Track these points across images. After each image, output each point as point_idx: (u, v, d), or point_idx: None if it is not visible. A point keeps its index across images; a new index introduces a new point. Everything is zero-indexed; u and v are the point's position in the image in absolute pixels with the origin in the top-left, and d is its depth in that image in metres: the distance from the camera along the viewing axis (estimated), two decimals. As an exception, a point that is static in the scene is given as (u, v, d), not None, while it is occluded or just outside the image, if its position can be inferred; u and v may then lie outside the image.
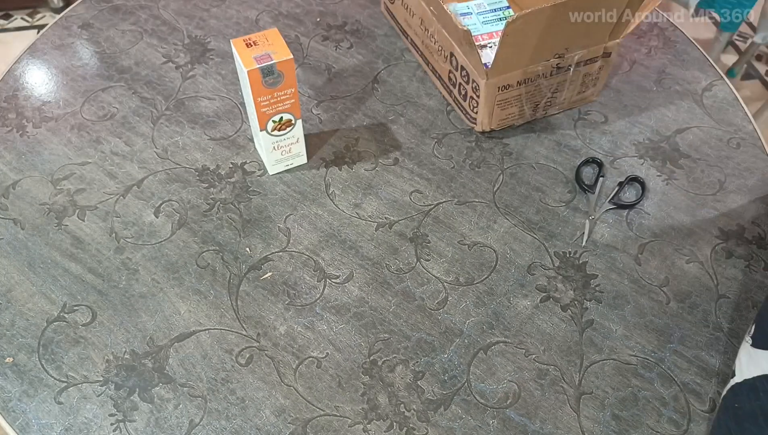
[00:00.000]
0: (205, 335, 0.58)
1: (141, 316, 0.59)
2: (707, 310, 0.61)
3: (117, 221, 0.66)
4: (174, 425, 0.53)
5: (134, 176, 0.70)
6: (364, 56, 0.84)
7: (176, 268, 0.63)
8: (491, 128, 0.74)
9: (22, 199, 0.68)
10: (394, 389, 0.56)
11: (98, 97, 0.78)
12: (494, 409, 0.55)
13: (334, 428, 0.53)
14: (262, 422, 0.54)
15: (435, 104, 0.78)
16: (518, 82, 0.69)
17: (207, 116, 0.76)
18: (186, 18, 0.87)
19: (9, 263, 0.63)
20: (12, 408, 0.54)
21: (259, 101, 0.61)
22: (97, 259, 0.63)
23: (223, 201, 0.68)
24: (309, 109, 0.77)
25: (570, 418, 0.54)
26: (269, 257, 0.64)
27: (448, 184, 0.70)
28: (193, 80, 0.80)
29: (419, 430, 0.53)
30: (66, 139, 0.73)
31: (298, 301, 0.61)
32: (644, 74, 0.83)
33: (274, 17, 0.88)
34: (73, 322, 0.59)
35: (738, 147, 0.75)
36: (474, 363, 0.57)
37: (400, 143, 0.74)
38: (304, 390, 0.55)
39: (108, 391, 0.55)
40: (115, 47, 0.83)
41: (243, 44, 0.59)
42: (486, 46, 0.81)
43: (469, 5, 0.86)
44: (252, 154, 0.72)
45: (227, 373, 0.56)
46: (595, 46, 0.70)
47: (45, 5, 2.03)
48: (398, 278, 0.62)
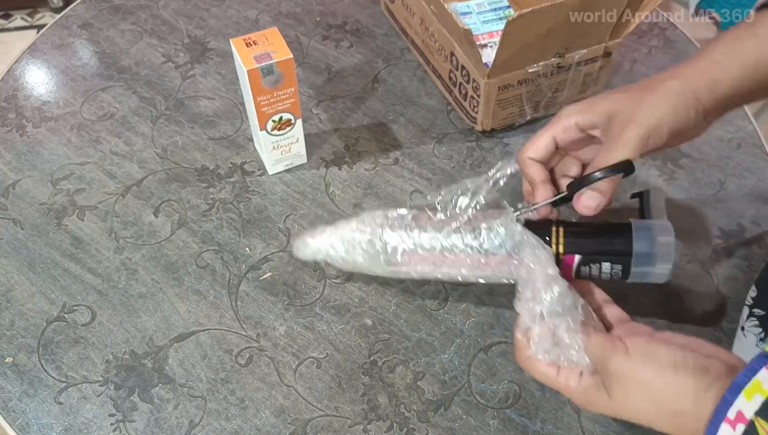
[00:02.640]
0: (205, 335, 0.58)
1: (140, 316, 0.59)
2: (707, 310, 0.61)
3: (116, 221, 0.66)
4: (174, 425, 0.53)
5: (134, 176, 0.70)
6: (364, 56, 0.84)
7: (176, 268, 0.63)
8: (492, 128, 0.74)
9: (22, 199, 0.67)
10: (394, 390, 0.55)
11: (98, 97, 0.77)
12: (495, 409, 0.55)
13: (334, 429, 0.53)
14: (262, 423, 0.53)
15: (435, 104, 0.78)
16: (519, 82, 0.69)
17: (207, 116, 0.76)
18: (186, 18, 0.87)
19: (9, 263, 0.63)
20: (12, 408, 0.54)
21: (259, 101, 0.61)
22: (97, 259, 0.63)
23: (223, 201, 0.68)
24: (309, 109, 0.77)
25: (570, 419, 0.54)
26: (269, 257, 0.64)
27: (449, 184, 0.70)
28: (193, 80, 0.80)
29: (419, 430, 0.53)
30: (66, 139, 0.73)
31: (297, 301, 0.61)
32: (644, 74, 0.83)
33: (274, 17, 0.88)
34: (73, 322, 0.59)
35: (738, 147, 0.75)
36: (474, 363, 0.57)
37: (400, 143, 0.74)
38: (304, 390, 0.55)
39: (108, 392, 0.55)
40: (115, 47, 0.83)
41: (243, 44, 0.59)
42: (486, 45, 0.81)
43: (470, 4, 0.86)
44: (252, 153, 0.72)
45: (227, 373, 0.56)
46: (596, 46, 0.70)
47: (45, 5, 2.03)
48: (398, 278, 0.62)
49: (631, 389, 0.38)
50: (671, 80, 0.43)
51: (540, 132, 0.47)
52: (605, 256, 0.47)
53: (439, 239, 0.50)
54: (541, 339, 0.43)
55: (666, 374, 0.37)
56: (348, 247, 0.53)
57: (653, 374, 0.37)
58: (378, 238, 0.51)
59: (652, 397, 0.37)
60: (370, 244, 0.51)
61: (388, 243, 0.51)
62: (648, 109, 0.42)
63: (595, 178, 0.43)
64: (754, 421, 0.32)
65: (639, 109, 0.42)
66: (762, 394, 0.32)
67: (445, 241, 0.50)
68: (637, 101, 0.43)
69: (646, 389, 0.37)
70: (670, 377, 0.37)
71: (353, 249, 0.52)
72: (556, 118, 0.47)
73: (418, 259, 0.51)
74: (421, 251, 0.50)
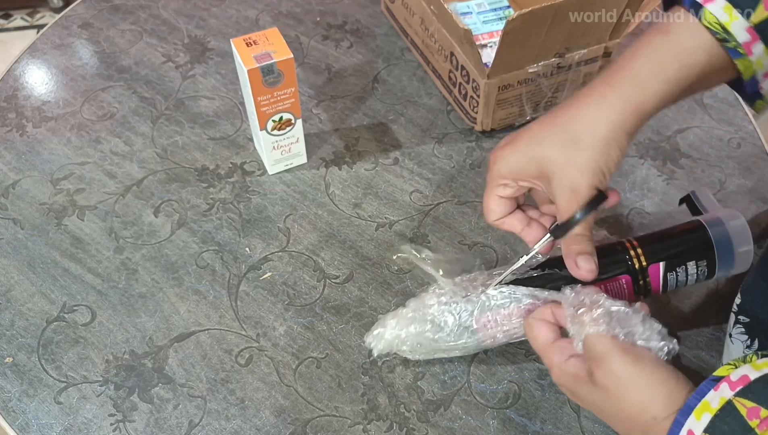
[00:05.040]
0: (205, 335, 0.58)
1: (140, 316, 0.59)
2: (707, 311, 0.61)
3: (116, 221, 0.66)
4: (173, 425, 0.53)
5: (134, 176, 0.70)
6: (364, 56, 0.84)
7: (176, 268, 0.63)
8: (492, 128, 0.74)
9: (22, 199, 0.67)
10: (394, 389, 0.55)
11: (98, 97, 0.77)
12: (494, 409, 0.55)
13: (333, 429, 0.53)
14: (262, 423, 0.53)
15: (435, 104, 0.78)
16: (519, 82, 0.69)
17: (207, 116, 0.76)
18: (186, 17, 0.87)
19: (9, 263, 0.63)
20: (12, 408, 0.54)
21: (259, 101, 0.61)
22: (97, 259, 0.63)
23: (223, 201, 0.68)
24: (309, 109, 0.77)
25: (570, 419, 0.54)
26: (269, 257, 0.64)
27: (449, 184, 0.70)
28: (193, 80, 0.80)
29: (419, 430, 0.53)
30: (66, 139, 0.73)
31: (297, 301, 0.61)
32: (645, 74, 0.83)
33: (274, 17, 0.88)
34: (73, 322, 0.59)
35: (738, 147, 0.75)
36: (474, 363, 0.57)
37: (400, 143, 0.74)
38: (304, 390, 0.55)
39: (107, 392, 0.55)
40: (115, 47, 0.83)
41: (243, 43, 0.59)
42: (486, 45, 0.81)
43: (470, 4, 0.86)
44: (252, 153, 0.72)
45: (227, 373, 0.56)
46: (596, 46, 0.70)
47: (45, 5, 2.03)
48: (398, 278, 0.62)
49: (627, 388, 0.40)
50: (598, 123, 0.42)
51: (486, 194, 0.48)
52: (689, 256, 0.48)
53: (505, 292, 0.49)
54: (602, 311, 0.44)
55: (658, 387, 0.40)
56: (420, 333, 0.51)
57: (649, 382, 0.40)
58: (451, 310, 0.50)
59: (642, 401, 0.39)
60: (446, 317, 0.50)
61: (463, 310, 0.50)
62: (586, 163, 0.42)
63: (575, 222, 0.44)
64: None
65: (575, 167, 0.43)
66: (710, 413, 0.35)
67: (514, 293, 0.49)
68: (568, 158, 0.43)
69: (641, 392, 0.40)
70: (661, 388, 0.39)
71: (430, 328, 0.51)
72: (490, 178, 0.47)
73: (494, 316, 0.50)
74: (494, 310, 0.50)
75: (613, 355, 0.41)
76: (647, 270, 0.48)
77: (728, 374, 0.36)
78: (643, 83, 0.42)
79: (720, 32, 0.40)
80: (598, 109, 0.42)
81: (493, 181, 0.47)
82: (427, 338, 0.51)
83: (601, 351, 0.41)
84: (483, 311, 0.49)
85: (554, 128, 0.44)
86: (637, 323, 0.42)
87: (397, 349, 0.53)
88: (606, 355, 0.41)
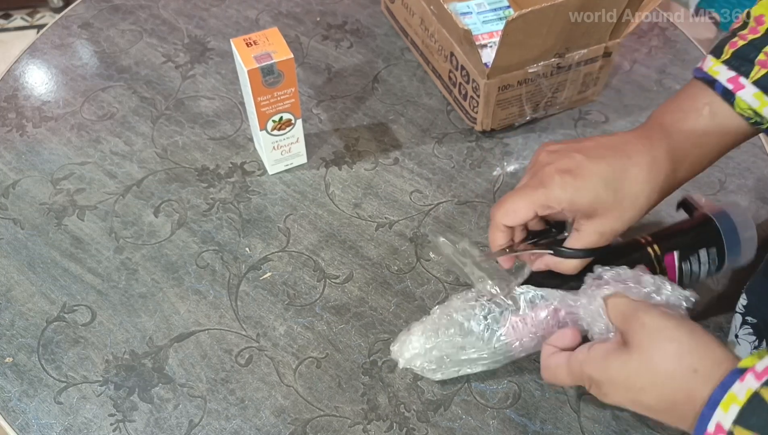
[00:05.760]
0: (205, 335, 0.58)
1: (140, 316, 0.59)
2: (707, 311, 0.61)
3: (116, 221, 0.66)
4: (173, 425, 0.53)
5: (134, 176, 0.70)
6: (364, 56, 0.84)
7: (176, 268, 0.63)
8: (491, 128, 0.74)
9: (22, 199, 0.68)
10: (394, 389, 0.55)
11: (98, 97, 0.77)
12: (494, 409, 0.55)
13: (333, 429, 0.53)
14: (262, 422, 0.53)
15: (435, 104, 0.78)
16: (518, 82, 0.69)
17: (207, 116, 0.76)
18: (186, 17, 0.87)
19: (9, 263, 0.63)
20: (12, 408, 0.54)
21: (259, 101, 0.61)
22: (97, 259, 0.63)
23: (223, 201, 0.68)
24: (309, 109, 0.77)
25: (570, 419, 0.54)
26: (269, 257, 0.64)
27: (449, 184, 0.70)
28: (193, 80, 0.80)
29: (419, 430, 0.53)
30: (66, 139, 0.73)
31: (297, 301, 0.61)
32: (645, 74, 0.83)
33: (274, 17, 0.88)
34: (73, 322, 0.59)
35: (738, 147, 0.74)
36: (474, 363, 0.57)
37: (400, 143, 0.74)
38: (304, 390, 0.55)
39: (107, 391, 0.55)
40: (115, 47, 0.83)
41: (243, 43, 0.59)
42: (486, 45, 0.81)
43: (470, 5, 0.86)
44: (252, 153, 0.72)
45: (227, 373, 0.56)
46: (596, 46, 0.70)
47: (45, 5, 2.03)
48: (398, 278, 0.62)
49: (662, 339, 0.40)
50: (645, 186, 0.44)
51: (519, 196, 0.45)
52: (699, 244, 0.51)
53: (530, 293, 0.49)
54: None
55: (693, 336, 0.39)
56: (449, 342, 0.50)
57: (683, 332, 0.39)
58: (479, 316, 0.49)
59: (678, 349, 0.39)
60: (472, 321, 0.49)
61: (490, 313, 0.49)
62: (627, 221, 0.44)
63: (584, 255, 0.46)
64: (732, 431, 0.34)
65: (620, 221, 0.44)
66: (738, 404, 0.35)
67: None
68: (618, 211, 0.44)
69: (677, 342, 0.39)
70: (697, 338, 0.39)
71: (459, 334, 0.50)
72: (542, 189, 0.44)
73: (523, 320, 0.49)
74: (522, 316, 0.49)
75: (640, 309, 0.41)
76: (663, 260, 0.50)
77: (753, 365, 0.36)
78: (683, 159, 0.45)
79: (753, 117, 0.44)
80: (650, 172, 0.44)
81: (542, 194, 0.44)
82: (455, 345, 0.49)
83: (627, 309, 0.42)
84: (514, 313, 0.49)
85: (613, 173, 0.44)
86: (649, 281, 0.44)
87: (423, 366, 0.51)
88: (635, 310, 0.41)
